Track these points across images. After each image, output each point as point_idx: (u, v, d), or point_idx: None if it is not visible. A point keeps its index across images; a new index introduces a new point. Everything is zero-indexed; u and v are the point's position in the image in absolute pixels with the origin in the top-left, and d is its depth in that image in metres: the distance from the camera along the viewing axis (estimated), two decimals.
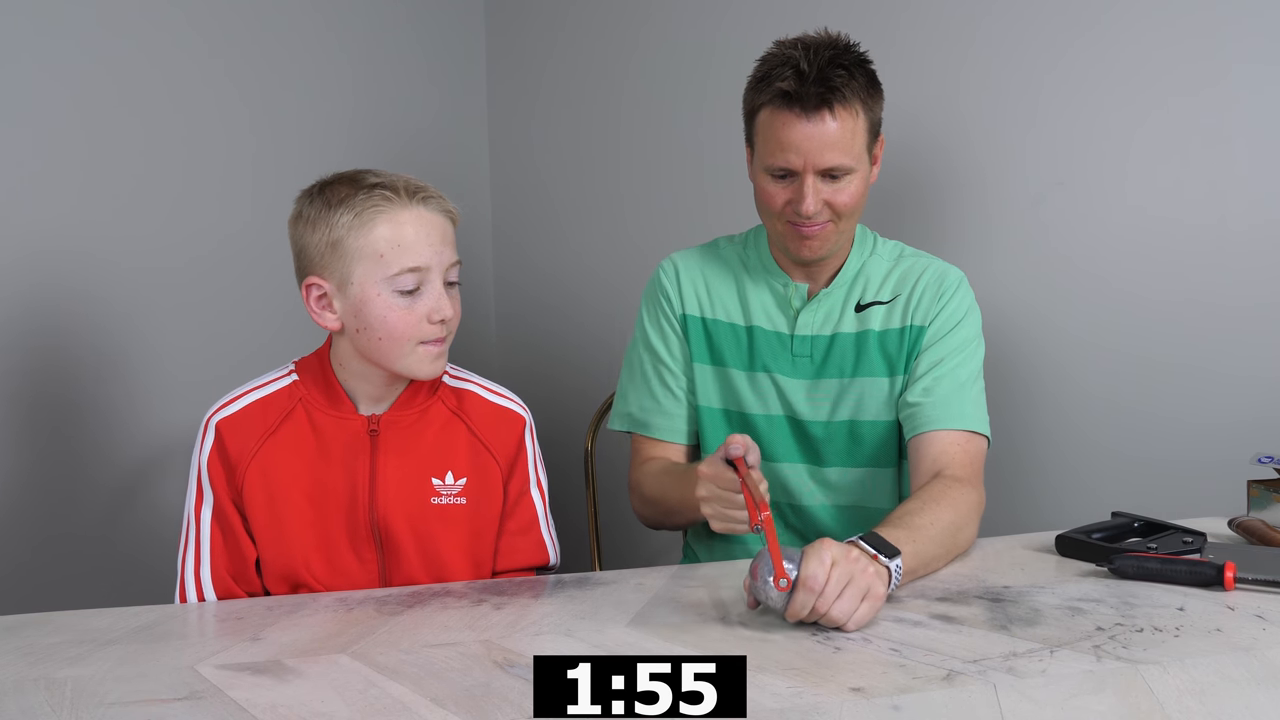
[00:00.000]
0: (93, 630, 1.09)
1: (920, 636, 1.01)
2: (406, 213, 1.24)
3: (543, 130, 2.50)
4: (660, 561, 1.52)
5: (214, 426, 1.28)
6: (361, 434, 1.30)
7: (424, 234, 1.25)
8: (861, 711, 0.85)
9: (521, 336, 2.59)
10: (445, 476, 1.31)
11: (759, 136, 1.39)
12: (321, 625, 1.09)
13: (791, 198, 1.38)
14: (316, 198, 1.26)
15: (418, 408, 1.33)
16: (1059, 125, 1.76)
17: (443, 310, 1.27)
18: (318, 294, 1.27)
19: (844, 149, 1.35)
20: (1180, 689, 0.88)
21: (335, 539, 1.28)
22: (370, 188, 1.23)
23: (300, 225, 1.26)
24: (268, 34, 2.10)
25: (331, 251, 1.24)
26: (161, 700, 0.89)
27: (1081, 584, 1.17)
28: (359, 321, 1.25)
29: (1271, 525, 1.30)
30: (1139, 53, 1.68)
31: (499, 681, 0.92)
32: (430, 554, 1.30)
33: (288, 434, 1.29)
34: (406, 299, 1.25)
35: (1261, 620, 1.04)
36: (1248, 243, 1.60)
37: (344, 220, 1.23)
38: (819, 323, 1.48)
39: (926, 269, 1.48)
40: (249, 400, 1.30)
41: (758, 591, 1.04)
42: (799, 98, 1.33)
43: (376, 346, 1.26)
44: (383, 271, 1.23)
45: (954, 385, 1.41)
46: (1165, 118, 1.66)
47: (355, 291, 1.24)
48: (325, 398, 1.31)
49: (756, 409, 1.50)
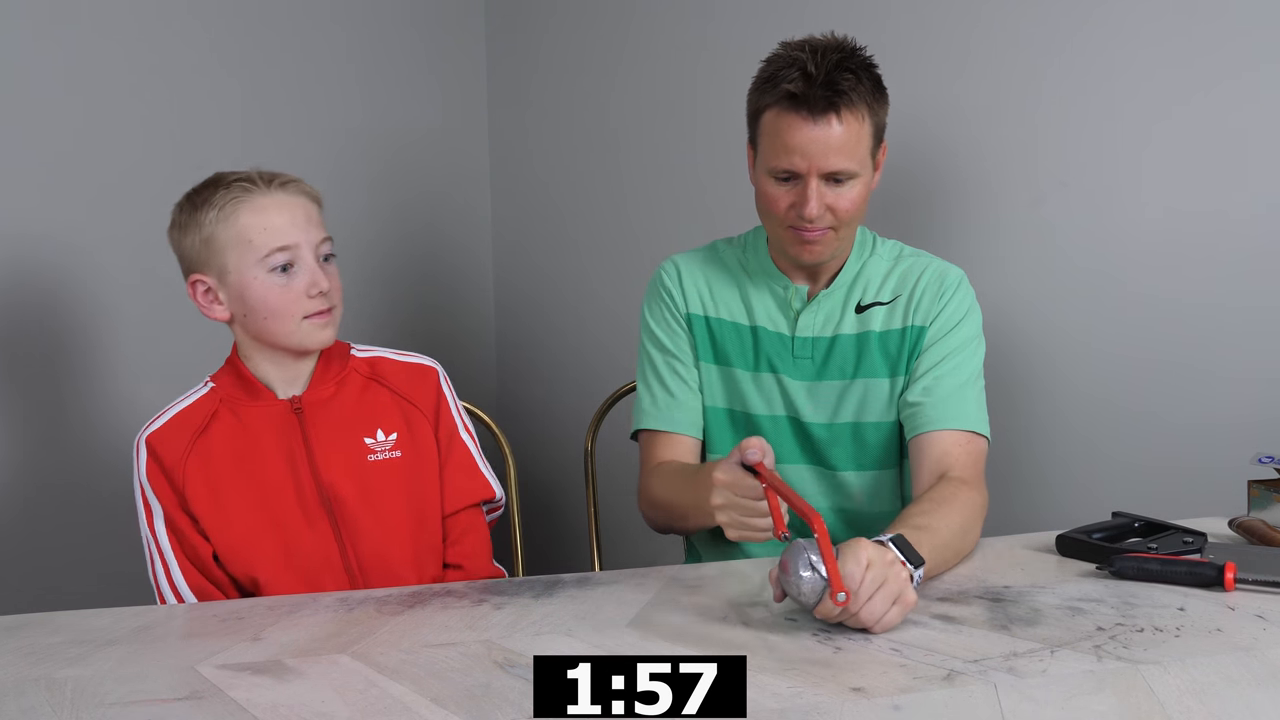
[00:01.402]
0: (93, 630, 1.09)
1: (920, 636, 1.01)
2: (266, 198, 1.33)
3: (542, 131, 2.50)
4: (661, 561, 1.52)
5: (144, 444, 1.35)
6: (287, 415, 1.38)
7: (287, 216, 1.33)
8: (861, 711, 0.85)
9: (521, 336, 2.59)
10: (376, 434, 1.40)
11: (763, 138, 1.38)
12: (321, 625, 1.09)
13: (794, 201, 1.37)
14: (185, 205, 1.36)
15: (333, 380, 1.41)
16: (1060, 125, 1.75)
17: (319, 283, 1.34)
18: (203, 289, 1.35)
19: (849, 153, 1.34)
20: (1180, 689, 0.88)
21: (286, 516, 1.35)
22: (230, 184, 1.33)
23: (176, 232, 1.36)
24: (268, 34, 2.10)
25: (206, 248, 1.33)
26: (162, 700, 0.89)
27: (1082, 584, 1.17)
28: (244, 306, 1.34)
29: (1272, 525, 1.30)
30: (1141, 52, 1.68)
31: (499, 681, 0.92)
32: (378, 509, 1.38)
33: (216, 431, 1.36)
34: (283, 277, 1.33)
35: (1262, 620, 1.04)
36: (1248, 242, 1.60)
37: (211, 217, 1.32)
38: (819, 324, 1.48)
39: (926, 269, 1.48)
40: (171, 414, 1.38)
41: (788, 585, 1.02)
42: (805, 100, 1.31)
43: (264, 327, 1.34)
44: (254, 255, 1.32)
45: (955, 385, 1.41)
46: (1167, 117, 1.66)
47: (234, 279, 1.33)
48: (244, 393, 1.38)
49: (761, 409, 1.49)
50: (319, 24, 2.21)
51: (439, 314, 2.50)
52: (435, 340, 2.39)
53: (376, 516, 1.37)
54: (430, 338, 2.39)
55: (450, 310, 2.52)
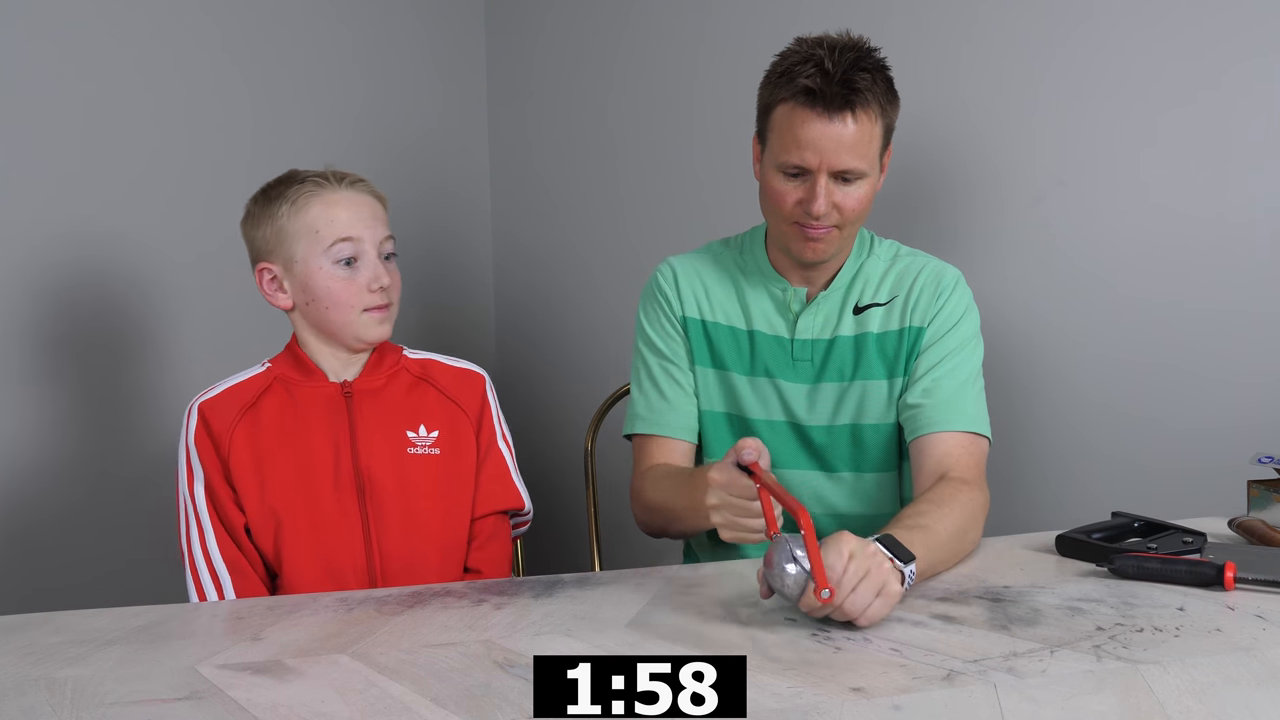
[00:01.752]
0: (93, 630, 1.09)
1: (920, 636, 1.01)
2: (336, 194, 1.39)
3: (542, 129, 2.50)
4: (660, 562, 1.52)
5: (197, 410, 1.39)
6: (337, 397, 1.42)
7: (354, 211, 1.39)
8: (861, 711, 0.85)
9: (522, 336, 2.59)
10: (419, 429, 1.43)
11: (774, 132, 1.37)
12: (321, 625, 1.09)
13: (802, 197, 1.36)
14: (260, 199, 1.41)
15: (385, 373, 1.45)
16: (1060, 123, 1.75)
17: (380, 278, 1.39)
18: (269, 277, 1.41)
19: (860, 152, 1.34)
20: (1180, 689, 0.88)
21: (319, 493, 1.38)
22: (304, 179, 1.40)
23: (248, 224, 1.42)
24: (270, 34, 2.11)
25: (276, 238, 1.39)
26: (162, 700, 0.89)
27: (1081, 584, 1.17)
28: (307, 295, 1.39)
29: (1271, 525, 1.30)
30: (1141, 51, 1.68)
31: (499, 681, 0.92)
32: (409, 502, 1.40)
33: (267, 406, 1.41)
34: (346, 270, 1.38)
35: (1261, 620, 1.04)
36: (1249, 243, 1.60)
37: (283, 210, 1.38)
38: (819, 326, 1.47)
39: (923, 269, 1.47)
40: (226, 386, 1.42)
41: (772, 579, 1.02)
42: (822, 96, 1.31)
43: (325, 316, 1.39)
44: (320, 246, 1.37)
45: (955, 386, 1.41)
46: (1167, 117, 1.66)
47: (300, 269, 1.38)
48: (298, 373, 1.43)
49: (759, 414, 1.49)
50: (323, 24, 2.21)
51: (439, 312, 2.50)
52: (435, 338, 2.39)
53: (407, 509, 1.40)
54: (430, 336, 2.39)
55: (451, 308, 2.52)
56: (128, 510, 1.90)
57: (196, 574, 1.35)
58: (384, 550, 1.38)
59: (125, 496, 1.90)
